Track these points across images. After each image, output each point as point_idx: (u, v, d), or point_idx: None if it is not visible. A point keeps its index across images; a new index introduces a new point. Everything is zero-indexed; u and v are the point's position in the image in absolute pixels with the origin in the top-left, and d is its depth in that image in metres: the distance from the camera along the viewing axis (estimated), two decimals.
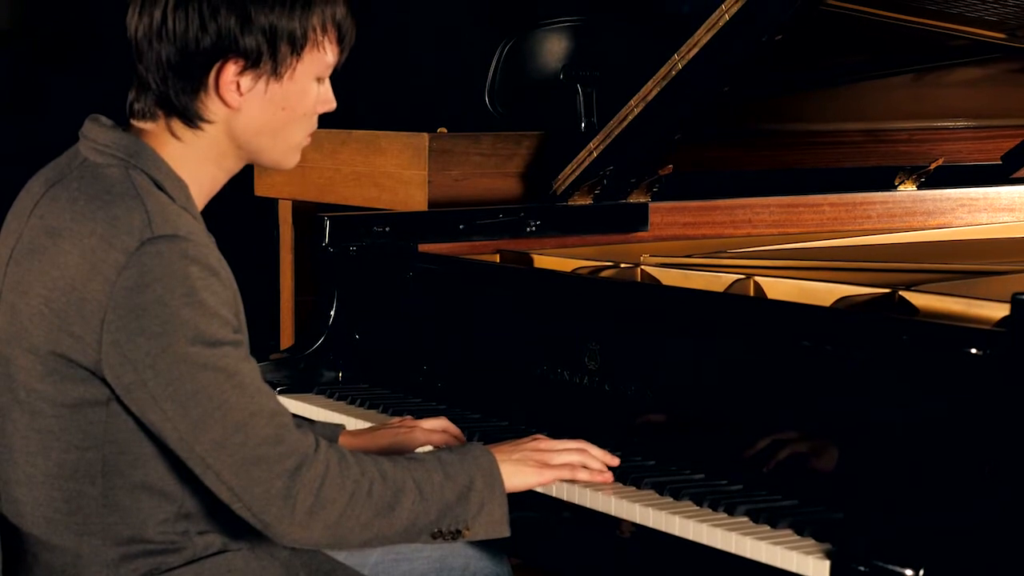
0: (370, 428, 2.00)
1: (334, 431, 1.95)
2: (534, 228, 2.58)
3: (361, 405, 2.28)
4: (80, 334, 1.54)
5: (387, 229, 2.48)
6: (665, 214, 2.70)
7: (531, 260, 2.44)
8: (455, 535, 1.67)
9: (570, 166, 2.64)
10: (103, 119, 1.66)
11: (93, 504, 1.59)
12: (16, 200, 1.68)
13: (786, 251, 2.54)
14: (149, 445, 1.58)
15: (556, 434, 1.90)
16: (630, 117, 2.49)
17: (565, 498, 1.84)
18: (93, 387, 1.56)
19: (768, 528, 1.66)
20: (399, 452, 1.87)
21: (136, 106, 1.66)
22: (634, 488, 1.82)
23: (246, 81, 1.62)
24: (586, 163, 2.60)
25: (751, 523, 1.68)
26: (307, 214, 3.16)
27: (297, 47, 1.63)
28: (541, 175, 2.81)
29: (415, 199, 2.89)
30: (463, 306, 2.33)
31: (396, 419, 2.02)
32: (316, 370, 2.42)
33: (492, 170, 2.92)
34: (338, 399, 2.33)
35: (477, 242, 2.52)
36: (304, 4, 1.63)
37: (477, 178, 2.91)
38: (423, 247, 2.46)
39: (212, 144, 1.65)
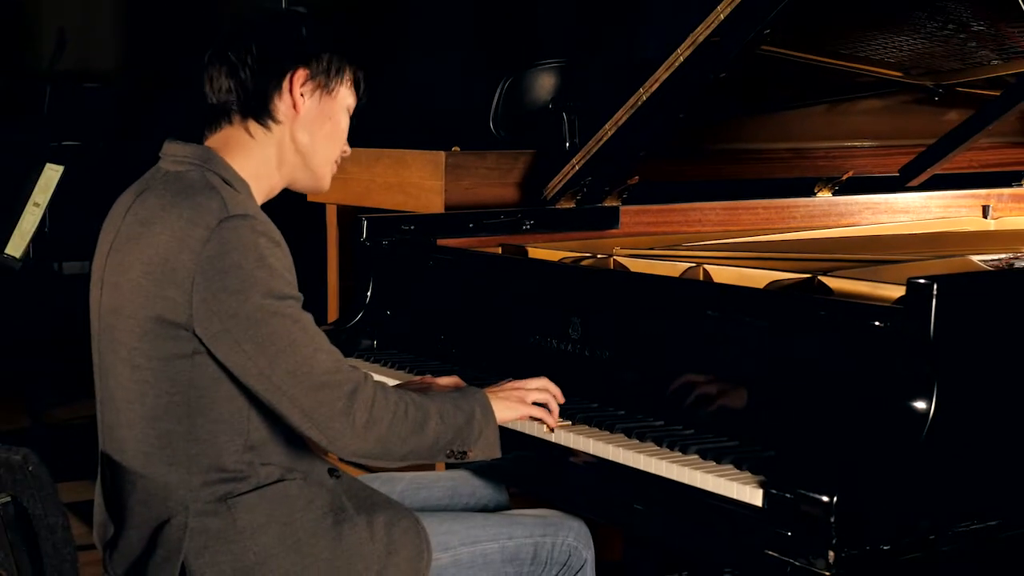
0: (396, 384, 2.00)
1: None
2: (529, 226, 2.57)
3: (392, 367, 2.27)
4: (174, 296, 1.54)
5: (412, 227, 2.47)
6: (633, 215, 2.69)
7: (526, 252, 2.43)
8: (463, 455, 1.69)
9: (557, 177, 2.63)
10: (177, 140, 1.67)
11: (180, 439, 1.59)
12: (109, 212, 1.68)
13: (729, 244, 2.53)
14: (223, 388, 1.58)
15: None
16: (604, 138, 2.48)
17: (552, 440, 1.84)
18: (182, 342, 1.56)
19: (714, 464, 1.66)
20: None
21: (213, 118, 1.67)
22: (608, 432, 1.81)
23: (307, 90, 1.67)
24: (570, 175, 2.59)
25: (701, 460, 1.68)
26: (349, 216, 3.15)
27: (341, 74, 1.69)
28: (534, 184, 2.80)
29: (434, 204, 2.88)
30: (472, 288, 2.32)
31: (418, 377, 2.02)
32: (356, 340, 2.42)
33: (495, 181, 2.91)
34: (373, 362, 2.32)
35: (483, 238, 2.51)
36: (345, 53, 1.71)
37: (484, 187, 2.90)
38: (441, 242, 2.45)
39: (276, 144, 1.67)
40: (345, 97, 1.72)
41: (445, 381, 1.94)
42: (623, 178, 2.62)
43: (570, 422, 1.87)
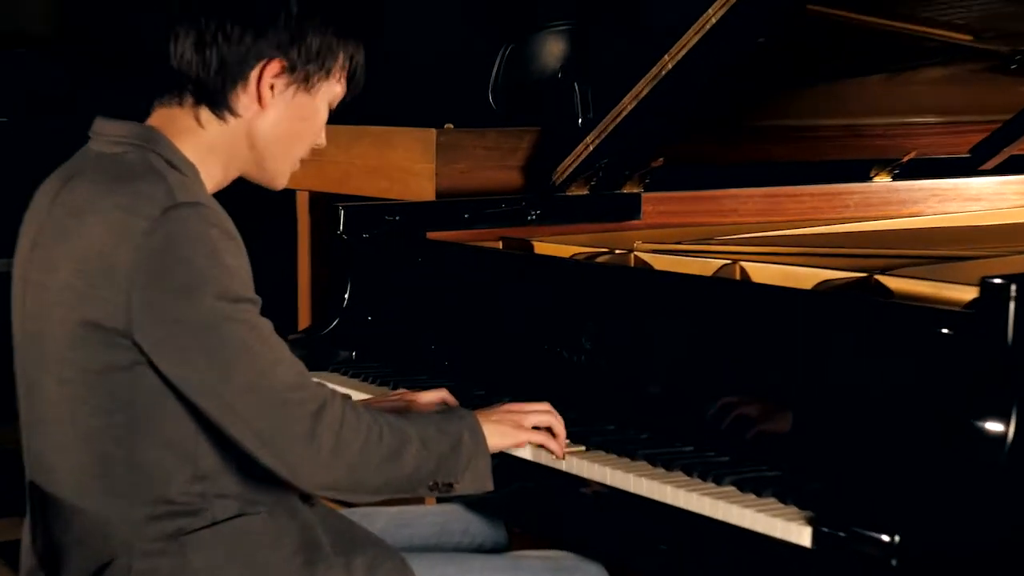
0: (369, 399, 1.99)
1: None
2: (534, 217, 2.57)
3: (374, 382, 2.26)
4: (110, 298, 1.53)
5: (398, 218, 2.47)
6: (656, 204, 2.69)
7: (532, 247, 2.42)
8: (448, 487, 1.68)
9: (568, 159, 2.62)
10: (110, 118, 1.66)
11: (119, 465, 1.58)
12: (32, 201, 1.67)
13: (770, 238, 2.53)
14: (168, 406, 1.57)
15: (556, 408, 1.88)
16: (623, 113, 2.47)
17: (563, 468, 1.83)
18: (119, 352, 1.55)
19: (754, 497, 1.65)
20: None
21: (165, 91, 1.65)
22: (628, 459, 1.80)
23: (280, 84, 1.65)
24: (583, 156, 2.59)
25: (738, 492, 1.67)
26: (324, 204, 3.15)
27: (326, 68, 1.67)
28: (541, 168, 2.80)
29: (424, 190, 2.87)
30: (468, 290, 2.31)
31: (395, 393, 2.01)
32: (331, 350, 2.41)
33: (495, 163, 2.90)
34: (352, 376, 2.32)
35: (481, 230, 2.51)
36: (341, 34, 1.67)
37: (481, 171, 2.89)
38: (431, 235, 2.44)
39: (229, 139, 1.65)
40: (328, 90, 1.69)
41: (429, 397, 1.93)
42: (645, 160, 2.62)
43: (583, 447, 1.86)
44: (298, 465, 1.56)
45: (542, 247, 2.41)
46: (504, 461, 1.80)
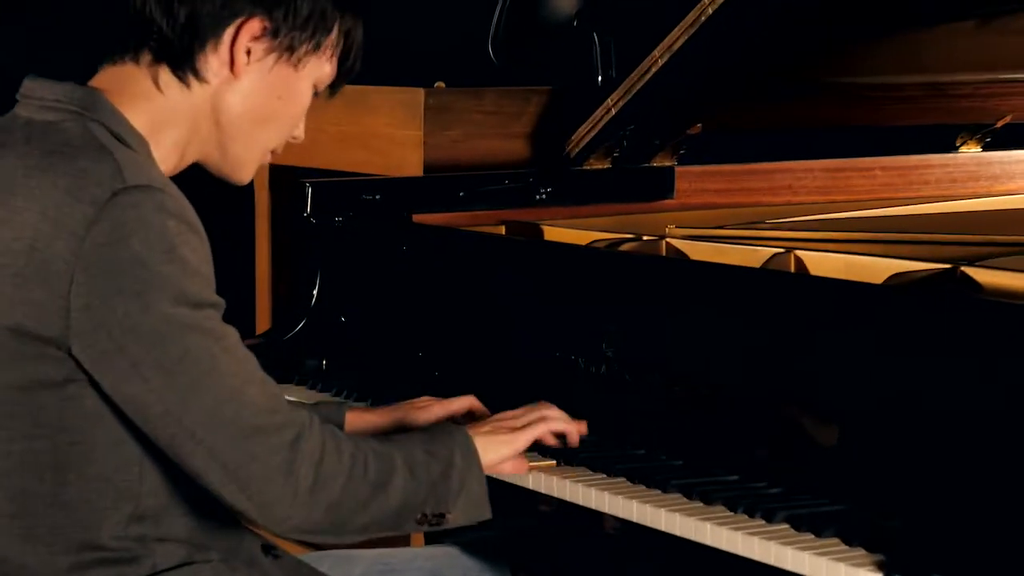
0: (362, 411, 2.00)
1: (339, 410, 1.95)
2: (544, 196, 2.58)
3: (347, 397, 2.27)
4: (41, 300, 1.53)
5: (377, 197, 2.47)
6: (693, 180, 2.70)
7: (541, 232, 2.43)
8: (439, 519, 1.69)
9: (585, 125, 2.63)
10: (43, 78, 1.65)
11: (40, 503, 1.58)
12: None
13: (832, 221, 2.53)
14: (105, 433, 1.58)
15: None
16: (654, 69, 2.48)
17: (580, 502, 1.84)
18: (50, 365, 1.55)
19: (812, 537, 1.65)
20: (407, 429, 1.89)
21: (117, 46, 1.65)
22: (659, 491, 1.81)
23: (258, 49, 1.65)
24: (603, 122, 2.60)
25: (792, 531, 1.67)
26: (286, 181, 3.15)
27: (316, 39, 1.67)
28: (552, 136, 2.80)
29: (409, 163, 2.88)
30: (464, 285, 2.32)
31: (399, 407, 2.01)
32: (297, 358, 2.42)
33: (496, 130, 2.91)
34: (322, 390, 2.32)
35: (479, 212, 2.52)
36: (339, 5, 1.68)
37: (479, 139, 2.90)
38: (418, 217, 2.45)
39: (191, 110, 1.66)
40: (316, 68, 1.69)
41: (457, 404, 1.93)
42: (680, 127, 2.62)
43: (605, 475, 1.87)
44: (271, 504, 1.57)
45: (553, 233, 2.41)
46: (509, 494, 1.81)
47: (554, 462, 1.89)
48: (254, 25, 1.64)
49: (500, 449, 1.78)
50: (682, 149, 2.68)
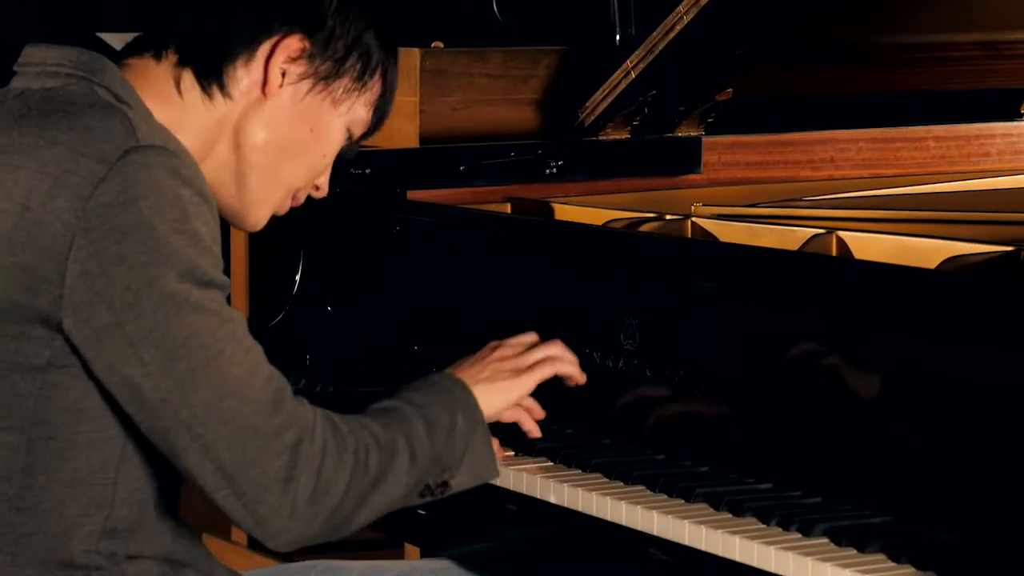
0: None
1: None
2: (555, 170, 2.58)
3: (335, 394, 2.28)
4: (32, 266, 1.53)
5: (367, 171, 2.48)
6: (723, 152, 2.70)
7: (551, 210, 2.44)
8: (443, 487, 1.71)
9: (601, 91, 2.63)
10: (42, 44, 1.66)
11: (5, 506, 1.59)
12: None
13: (879, 198, 2.53)
14: (85, 430, 1.58)
15: (585, 431, 1.91)
16: (679, 27, 2.48)
17: (594, 512, 1.85)
18: (32, 345, 1.55)
19: (854, 552, 1.66)
20: None
21: (145, 37, 1.67)
22: (682, 501, 1.82)
23: (293, 72, 1.67)
24: (622, 86, 2.60)
25: (832, 546, 1.68)
26: None
27: (358, 74, 1.70)
28: (564, 102, 2.80)
29: (403, 133, 2.89)
30: (464, 270, 2.33)
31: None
32: (277, 350, 2.41)
33: (501, 96, 2.91)
34: (305, 386, 2.33)
35: (482, 188, 2.52)
36: (382, 39, 1.72)
37: (482, 106, 2.90)
38: (413, 194, 2.46)
39: (210, 125, 1.67)
40: (354, 110, 1.72)
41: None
42: (708, 91, 2.62)
43: (622, 483, 1.88)
44: (267, 516, 1.58)
45: (565, 211, 2.42)
46: (510, 502, 1.81)
47: (549, 462, 1.90)
48: (292, 44, 1.66)
49: (505, 395, 1.80)
50: (710, 117, 2.68)
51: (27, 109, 1.59)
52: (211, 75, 1.66)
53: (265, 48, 1.66)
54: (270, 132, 1.68)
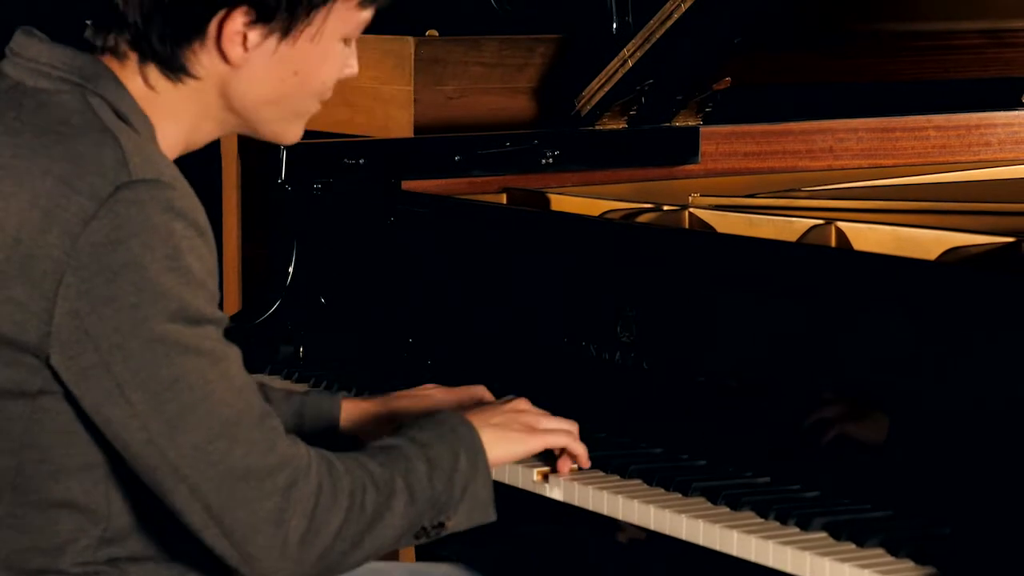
0: (362, 404, 2.01)
1: (333, 401, 1.96)
2: (551, 160, 2.58)
3: (328, 388, 2.28)
4: (24, 300, 1.53)
5: (361, 161, 2.48)
6: (721, 141, 2.70)
7: (547, 201, 2.44)
8: (439, 529, 1.70)
9: (598, 79, 2.63)
10: (39, 33, 1.65)
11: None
12: None
13: (879, 189, 2.53)
14: (78, 454, 1.58)
15: (580, 425, 1.90)
16: (676, 15, 2.48)
17: (591, 507, 1.85)
18: (23, 373, 1.55)
19: (853, 547, 1.66)
20: (407, 417, 1.89)
21: (98, 40, 1.65)
22: (680, 495, 1.82)
23: (254, 35, 1.64)
24: (619, 75, 2.60)
25: (831, 540, 1.68)
26: (259, 143, 3.15)
27: (312, 6, 1.65)
28: (560, 91, 2.80)
29: (397, 122, 2.88)
30: (459, 262, 2.33)
31: (402, 393, 2.01)
32: (270, 343, 2.42)
33: (496, 84, 2.91)
34: (298, 380, 2.33)
35: (477, 178, 2.52)
36: None
37: (477, 95, 2.90)
38: (408, 184, 2.45)
39: (191, 105, 1.66)
40: (335, 26, 1.66)
41: (465, 395, 1.94)
42: (706, 81, 2.62)
43: (619, 476, 1.89)
44: (256, 555, 1.58)
45: (561, 202, 2.42)
46: (510, 501, 1.81)
47: (548, 468, 1.90)
48: (236, 19, 1.62)
49: (512, 448, 1.79)
50: (708, 106, 2.68)
51: (21, 125, 1.58)
52: (172, 65, 1.64)
53: (212, 29, 1.63)
54: (257, 89, 1.66)
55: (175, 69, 1.64)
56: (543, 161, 2.58)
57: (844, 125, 2.78)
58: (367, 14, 1.69)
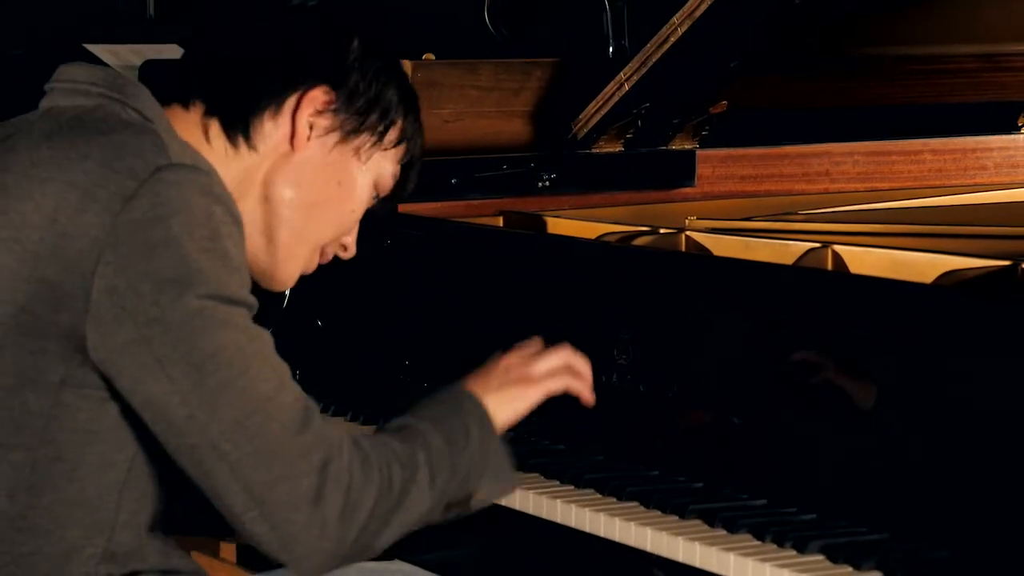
0: None
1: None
2: (547, 183, 2.59)
3: (325, 411, 2.29)
4: (59, 280, 1.54)
5: None
6: (717, 165, 2.70)
7: (544, 224, 2.44)
8: (465, 503, 1.71)
9: (594, 103, 2.63)
10: (84, 63, 1.68)
11: (6, 526, 1.59)
12: None
13: (875, 212, 2.54)
14: (94, 454, 1.58)
15: (577, 447, 1.91)
16: (672, 39, 2.48)
17: (587, 529, 1.85)
18: (48, 361, 1.55)
19: (850, 569, 1.67)
20: None
21: (170, 86, 1.68)
22: (676, 517, 1.83)
23: (320, 125, 1.70)
24: (615, 99, 2.60)
25: (828, 563, 1.69)
26: None
27: (380, 128, 1.73)
28: (557, 115, 2.81)
29: None
30: (455, 284, 2.33)
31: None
32: None
33: (493, 108, 2.92)
34: None
35: (474, 201, 2.53)
36: (405, 101, 1.75)
37: (474, 118, 2.91)
38: (404, 207, 2.46)
39: (238, 176, 1.68)
40: (379, 164, 1.74)
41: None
42: (702, 104, 2.63)
43: (615, 499, 1.89)
44: (297, 537, 1.57)
45: (558, 225, 2.43)
46: (506, 518, 1.81)
47: (542, 477, 1.91)
48: (318, 96, 1.68)
49: (515, 407, 1.77)
50: (704, 130, 2.69)
51: (57, 127, 1.61)
52: (238, 127, 1.68)
53: (292, 101, 1.68)
54: (299, 186, 1.70)
55: (239, 131, 1.68)
56: (540, 184, 2.58)
57: (840, 149, 2.79)
58: (393, 171, 1.77)
